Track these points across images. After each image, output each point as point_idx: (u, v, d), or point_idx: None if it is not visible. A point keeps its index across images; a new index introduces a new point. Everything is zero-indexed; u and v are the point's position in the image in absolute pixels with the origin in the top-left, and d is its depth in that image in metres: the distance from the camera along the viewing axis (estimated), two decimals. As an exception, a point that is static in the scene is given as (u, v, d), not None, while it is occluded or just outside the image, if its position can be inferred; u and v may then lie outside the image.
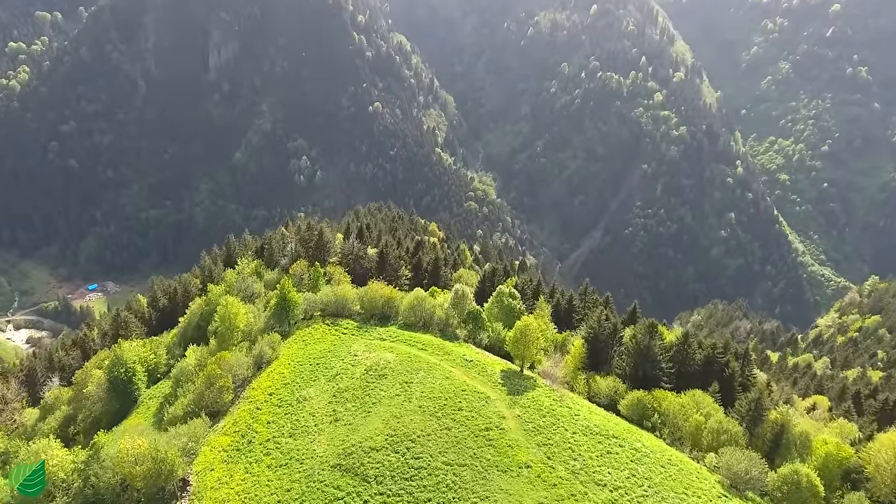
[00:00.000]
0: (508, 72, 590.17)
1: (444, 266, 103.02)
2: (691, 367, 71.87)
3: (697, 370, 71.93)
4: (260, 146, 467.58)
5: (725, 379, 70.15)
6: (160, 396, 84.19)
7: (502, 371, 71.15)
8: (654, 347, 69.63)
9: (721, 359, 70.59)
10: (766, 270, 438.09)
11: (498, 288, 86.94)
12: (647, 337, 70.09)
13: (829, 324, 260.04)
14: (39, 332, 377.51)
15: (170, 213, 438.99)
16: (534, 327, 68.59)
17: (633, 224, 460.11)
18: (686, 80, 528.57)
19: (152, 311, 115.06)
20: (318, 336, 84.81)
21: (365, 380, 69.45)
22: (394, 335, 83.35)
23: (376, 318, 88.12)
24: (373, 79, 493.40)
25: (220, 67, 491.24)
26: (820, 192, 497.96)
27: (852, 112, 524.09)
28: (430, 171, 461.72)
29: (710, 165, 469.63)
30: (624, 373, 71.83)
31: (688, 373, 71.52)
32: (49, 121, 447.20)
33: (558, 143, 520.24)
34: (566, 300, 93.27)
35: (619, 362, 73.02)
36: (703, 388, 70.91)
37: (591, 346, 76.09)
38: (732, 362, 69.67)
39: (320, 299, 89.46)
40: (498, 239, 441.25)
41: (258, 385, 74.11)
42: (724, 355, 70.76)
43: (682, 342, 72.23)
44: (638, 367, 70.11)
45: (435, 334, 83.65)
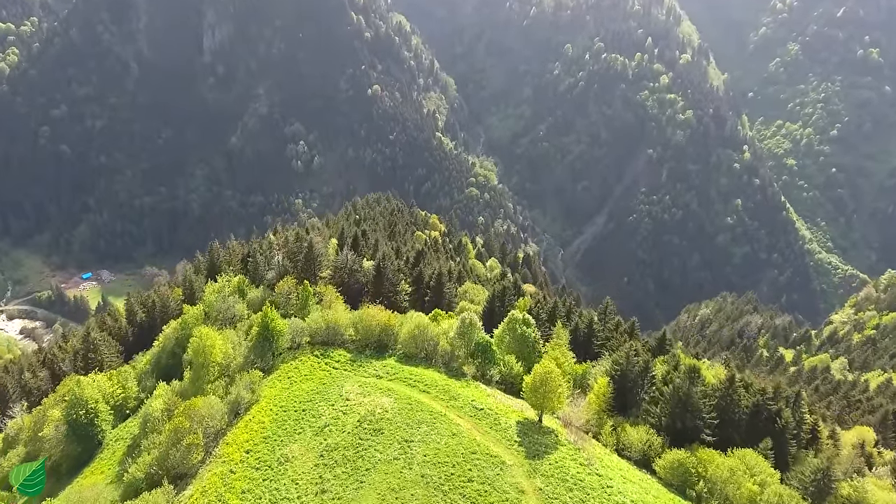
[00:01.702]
0: (510, 53, 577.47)
1: (448, 281, 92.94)
2: (736, 414, 62.32)
3: (743, 418, 62.40)
4: (256, 131, 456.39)
5: (777, 432, 60.43)
6: (128, 438, 74.71)
7: (518, 423, 60.89)
8: (694, 395, 59.94)
9: (771, 406, 60.99)
10: (772, 258, 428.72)
11: (510, 314, 77.04)
12: (687, 383, 60.39)
13: (844, 320, 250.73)
14: (33, 322, 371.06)
15: (164, 200, 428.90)
16: (556, 375, 58.92)
17: (638, 210, 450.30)
18: (692, 62, 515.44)
19: (129, 327, 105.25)
20: (305, 371, 73.60)
21: (358, 435, 58.98)
22: (392, 371, 72.57)
23: (372, 347, 78.60)
24: (371, 61, 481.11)
25: (215, 49, 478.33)
26: (828, 177, 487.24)
27: (862, 95, 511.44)
28: (431, 157, 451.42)
29: (716, 150, 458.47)
30: (658, 422, 62.21)
31: (731, 420, 62.04)
32: (39, 105, 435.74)
33: (561, 126, 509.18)
34: (586, 324, 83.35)
35: (653, 409, 63.40)
36: (749, 440, 61.37)
37: (618, 384, 66.53)
38: (785, 412, 60.06)
39: (309, 326, 79.71)
40: (500, 226, 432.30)
41: (234, 438, 63.73)
42: (774, 402, 61.06)
43: (726, 387, 62.44)
44: (675, 417, 60.52)
45: (439, 369, 73.33)
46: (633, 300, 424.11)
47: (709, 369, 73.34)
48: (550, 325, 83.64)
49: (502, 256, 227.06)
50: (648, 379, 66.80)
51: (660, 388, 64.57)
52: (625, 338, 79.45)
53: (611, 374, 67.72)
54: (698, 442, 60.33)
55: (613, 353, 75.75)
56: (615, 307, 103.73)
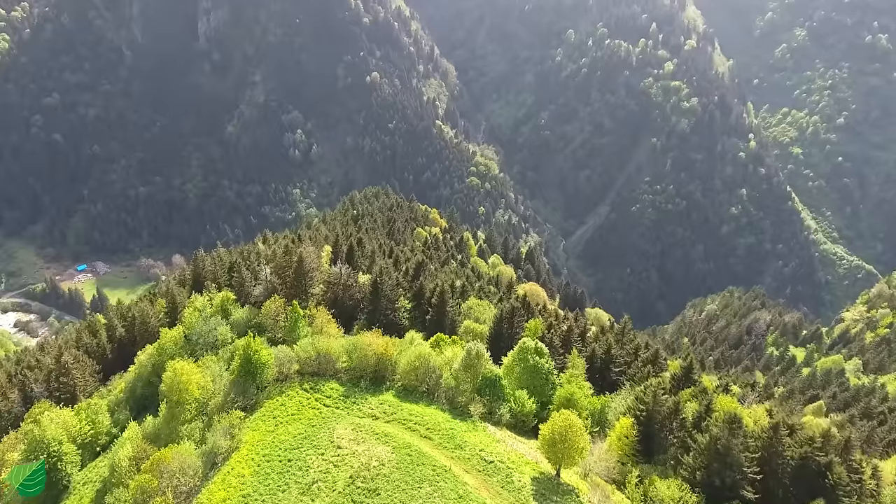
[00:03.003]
0: (512, 39, 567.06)
1: (450, 298, 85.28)
2: (780, 466, 55.01)
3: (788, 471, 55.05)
4: (253, 119, 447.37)
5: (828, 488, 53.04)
6: (97, 481, 67.39)
7: (533, 479, 53.60)
8: (735, 448, 52.59)
9: (820, 458, 53.66)
10: (777, 249, 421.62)
11: (520, 342, 69.58)
12: (726, 433, 53.02)
13: (857, 317, 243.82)
14: (28, 315, 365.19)
15: (160, 191, 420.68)
16: (577, 427, 51.47)
17: (641, 200, 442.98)
18: (697, 48, 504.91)
19: (109, 343, 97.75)
20: (292, 409, 64.66)
21: (350, 496, 51.47)
22: (389, 409, 64.57)
23: (367, 378, 71.36)
24: (370, 47, 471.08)
25: (210, 35, 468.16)
26: (834, 166, 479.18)
27: (870, 82, 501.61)
28: (431, 145, 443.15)
29: (721, 139, 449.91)
30: (691, 475, 54.86)
31: (774, 472, 54.75)
32: (31, 93, 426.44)
33: (563, 114, 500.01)
34: (603, 349, 75.73)
35: (685, 458, 56.03)
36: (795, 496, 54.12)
37: (644, 426, 59.23)
38: (837, 466, 52.81)
39: (297, 355, 72.30)
40: (501, 216, 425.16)
41: (209, 497, 55.95)
42: (824, 453, 53.78)
43: (770, 436, 54.96)
44: (713, 473, 53.19)
45: (442, 406, 65.68)
46: (636, 291, 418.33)
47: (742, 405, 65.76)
48: (565, 351, 76.14)
49: (505, 252, 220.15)
50: (679, 422, 59.57)
51: (690, 433, 57.38)
52: (648, 368, 72.06)
53: (635, 413, 60.57)
54: (738, 500, 53.18)
55: (635, 384, 68.51)
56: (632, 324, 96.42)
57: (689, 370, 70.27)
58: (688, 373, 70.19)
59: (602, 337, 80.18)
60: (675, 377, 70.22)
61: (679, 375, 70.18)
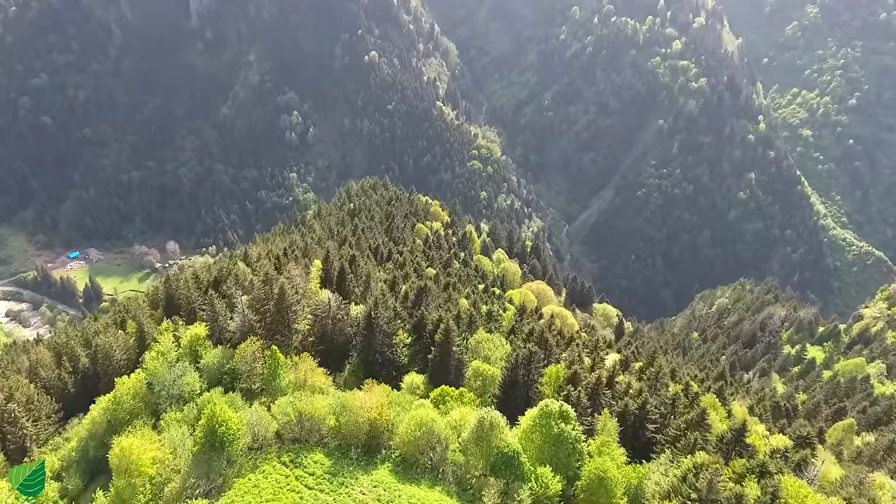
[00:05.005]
0: (514, 16, 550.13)
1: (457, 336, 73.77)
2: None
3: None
4: (248, 100, 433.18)
5: None
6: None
7: None
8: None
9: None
10: (785, 235, 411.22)
11: (541, 404, 58.25)
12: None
13: (877, 315, 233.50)
14: (19, 304, 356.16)
15: (153, 175, 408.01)
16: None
17: (647, 184, 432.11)
18: (706, 26, 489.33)
19: (70, 377, 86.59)
20: (267, 494, 52.78)
21: None
22: (385, 494, 53.34)
23: (359, 447, 59.81)
24: (368, 25, 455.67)
25: (202, 13, 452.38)
26: (845, 149, 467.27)
27: (884, 62, 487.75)
28: (431, 127, 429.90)
29: (730, 121, 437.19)
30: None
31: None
32: (18, 74, 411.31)
33: (568, 95, 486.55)
34: (637, 405, 64.26)
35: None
36: None
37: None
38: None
39: (275, 417, 60.76)
40: (503, 201, 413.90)
41: None
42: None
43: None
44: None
45: (448, 487, 55.22)
46: (641, 278, 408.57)
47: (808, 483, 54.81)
48: (593, 410, 64.83)
49: (509, 246, 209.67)
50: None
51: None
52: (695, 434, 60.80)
53: (684, 501, 50.01)
54: None
55: (677, 452, 57.73)
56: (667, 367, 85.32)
57: (741, 433, 59.44)
58: (739, 436, 59.41)
59: (634, 384, 69.20)
60: (723, 440, 59.45)
61: (729, 439, 59.37)
